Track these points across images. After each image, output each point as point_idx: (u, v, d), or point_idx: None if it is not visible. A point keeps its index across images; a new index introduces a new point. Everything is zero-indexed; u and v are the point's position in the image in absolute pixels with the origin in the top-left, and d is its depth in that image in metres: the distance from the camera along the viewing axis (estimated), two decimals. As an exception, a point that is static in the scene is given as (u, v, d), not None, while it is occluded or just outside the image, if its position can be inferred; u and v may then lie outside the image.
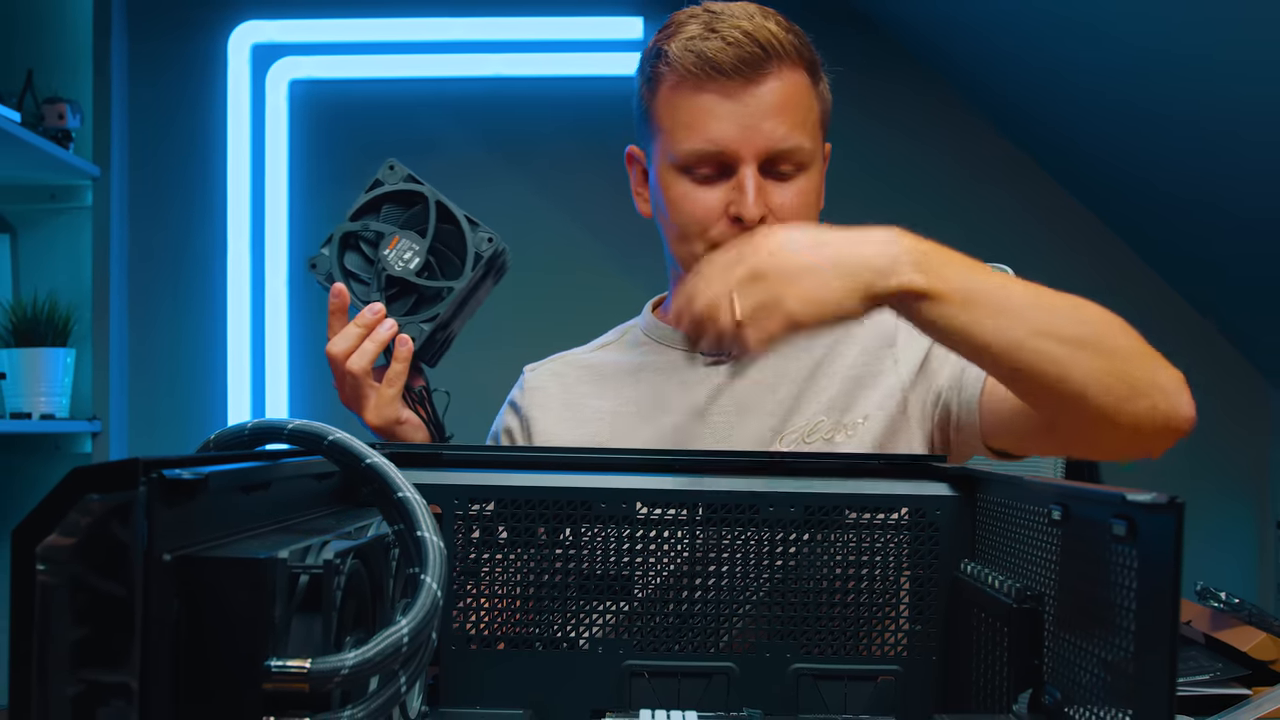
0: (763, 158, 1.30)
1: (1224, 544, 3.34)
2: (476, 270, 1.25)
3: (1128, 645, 0.65)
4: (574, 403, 1.44)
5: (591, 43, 3.31)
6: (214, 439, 0.74)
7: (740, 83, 1.28)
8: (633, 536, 1.00)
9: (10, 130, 2.44)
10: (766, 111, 1.29)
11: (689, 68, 1.29)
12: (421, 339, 1.25)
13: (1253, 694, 1.22)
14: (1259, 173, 2.57)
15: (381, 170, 1.28)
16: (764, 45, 1.28)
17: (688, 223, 1.34)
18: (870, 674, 0.98)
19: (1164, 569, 0.61)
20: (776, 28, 1.30)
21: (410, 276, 1.25)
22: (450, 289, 1.25)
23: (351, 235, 1.27)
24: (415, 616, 0.64)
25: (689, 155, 1.31)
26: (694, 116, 1.30)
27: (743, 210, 1.29)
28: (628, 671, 0.98)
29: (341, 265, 1.27)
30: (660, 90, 1.34)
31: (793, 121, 1.30)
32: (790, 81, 1.31)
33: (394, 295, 1.26)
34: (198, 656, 0.56)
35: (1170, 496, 0.61)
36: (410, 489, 0.72)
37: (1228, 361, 3.38)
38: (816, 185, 1.36)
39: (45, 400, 2.75)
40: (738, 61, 1.28)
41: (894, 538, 0.99)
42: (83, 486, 0.53)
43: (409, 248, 1.25)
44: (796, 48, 1.31)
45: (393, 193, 1.28)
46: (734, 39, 1.28)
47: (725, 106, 1.29)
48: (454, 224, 1.26)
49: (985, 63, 3.25)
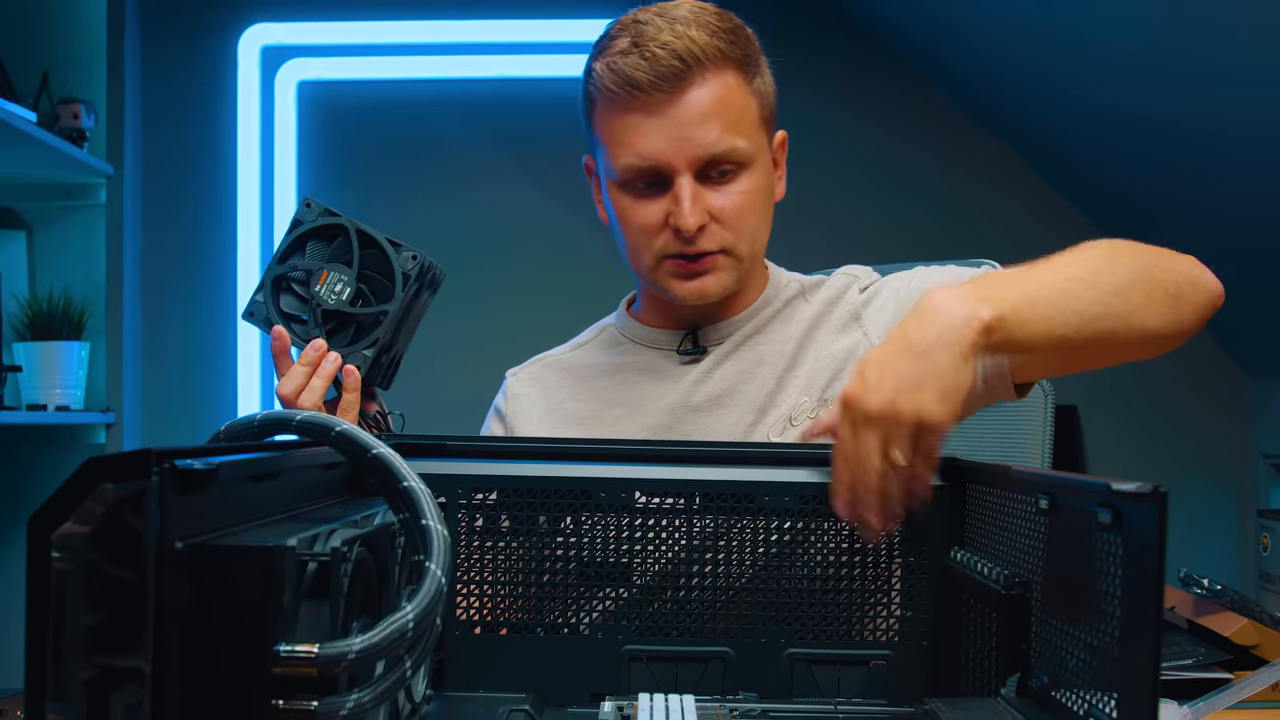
0: (697, 166, 1.28)
1: (1206, 532, 3.35)
2: (407, 289, 1.25)
3: (1113, 630, 0.65)
4: (554, 407, 1.43)
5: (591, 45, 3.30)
6: (224, 430, 0.74)
7: (662, 98, 1.26)
8: (631, 525, 1.00)
9: (26, 130, 2.44)
10: (694, 121, 1.26)
11: (611, 87, 1.27)
12: (366, 365, 1.25)
13: (1234, 678, 1.22)
14: (1239, 173, 2.57)
15: (299, 210, 1.27)
16: (683, 56, 1.25)
17: (634, 236, 1.33)
18: (863, 658, 0.98)
19: (1148, 556, 0.61)
20: (699, 33, 1.26)
21: (345, 307, 1.25)
22: (385, 312, 1.25)
23: (282, 278, 1.27)
24: (420, 602, 0.64)
25: (625, 171, 1.30)
26: (624, 135, 1.29)
27: (680, 221, 1.27)
28: (627, 656, 0.98)
29: (279, 309, 1.27)
30: (596, 109, 1.33)
31: (724, 124, 1.27)
32: (717, 85, 1.27)
33: (334, 328, 1.26)
34: (209, 641, 0.56)
35: (1154, 486, 0.61)
36: (415, 479, 0.72)
37: (1208, 355, 3.38)
38: (762, 181, 1.33)
39: (60, 392, 2.75)
40: (655, 78, 1.25)
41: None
42: (97, 476, 0.53)
43: (339, 279, 1.25)
44: (722, 50, 1.28)
45: (313, 229, 1.27)
46: (651, 54, 1.25)
47: (651, 123, 1.27)
48: (377, 248, 1.26)
49: (973, 65, 3.25)
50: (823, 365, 1.33)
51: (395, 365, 1.32)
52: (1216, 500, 3.38)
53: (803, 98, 3.35)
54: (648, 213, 1.30)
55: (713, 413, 1.35)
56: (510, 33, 3.40)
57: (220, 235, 3.41)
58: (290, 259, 1.27)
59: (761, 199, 1.33)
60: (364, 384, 1.26)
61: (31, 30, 2.90)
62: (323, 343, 1.24)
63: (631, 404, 1.38)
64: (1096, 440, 3.37)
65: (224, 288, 3.39)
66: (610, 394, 1.41)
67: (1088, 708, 0.69)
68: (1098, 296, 1.04)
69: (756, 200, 1.32)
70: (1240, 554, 3.36)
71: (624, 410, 1.38)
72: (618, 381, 1.41)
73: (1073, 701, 0.72)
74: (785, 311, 1.40)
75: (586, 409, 1.41)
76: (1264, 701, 1.22)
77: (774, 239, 1.38)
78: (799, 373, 1.33)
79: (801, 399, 1.31)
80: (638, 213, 1.31)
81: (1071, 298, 1.03)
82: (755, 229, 1.33)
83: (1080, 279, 1.05)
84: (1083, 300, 1.03)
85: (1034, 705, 0.79)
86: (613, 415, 1.39)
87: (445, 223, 3.40)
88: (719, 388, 1.36)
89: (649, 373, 1.40)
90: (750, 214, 1.32)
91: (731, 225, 1.30)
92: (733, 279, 1.33)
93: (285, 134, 3.42)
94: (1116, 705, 0.64)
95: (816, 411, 1.29)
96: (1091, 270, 1.06)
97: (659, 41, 1.26)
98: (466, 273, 3.37)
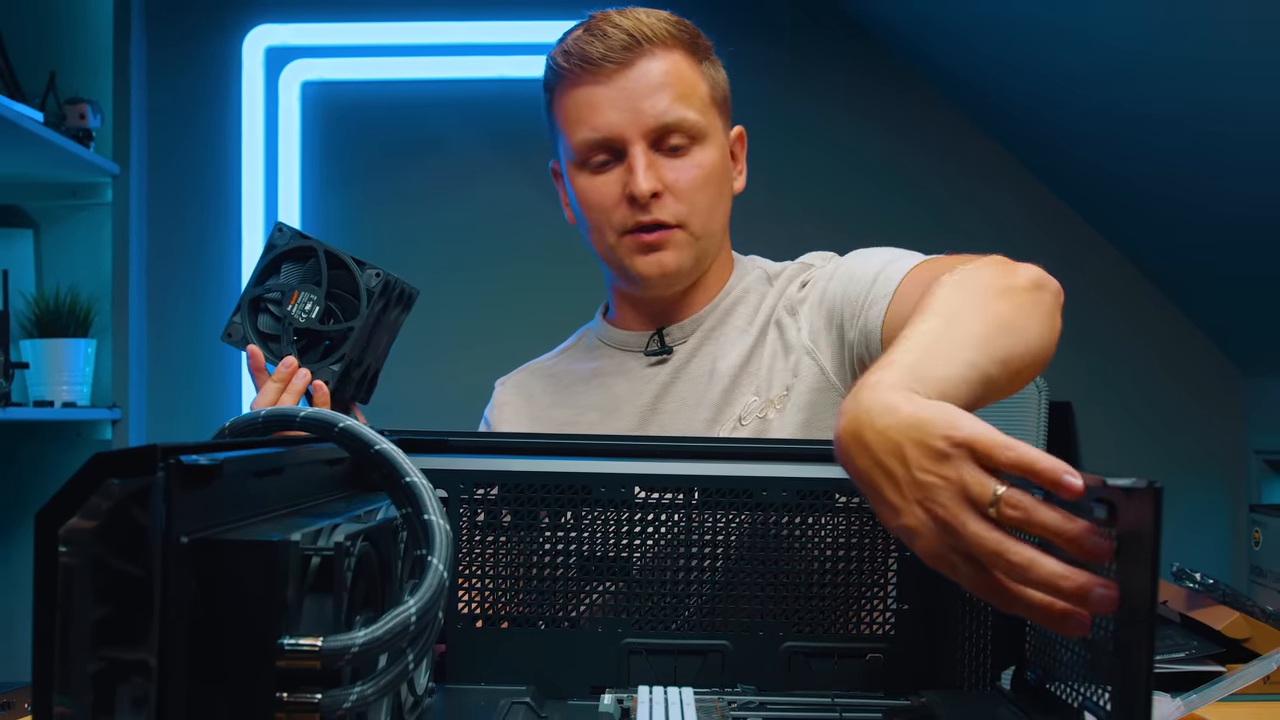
0: (650, 135, 1.31)
1: (1200, 527, 3.35)
2: (372, 305, 1.27)
3: (1107, 624, 0.65)
4: (538, 414, 1.45)
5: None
6: (229, 426, 0.74)
7: (613, 69, 1.30)
8: (631, 520, 1.00)
9: (33, 129, 2.44)
10: (644, 91, 1.31)
11: (567, 66, 1.32)
12: (334, 380, 1.27)
13: (1226, 671, 1.22)
14: (1237, 171, 2.57)
15: (272, 234, 1.31)
16: (632, 33, 1.30)
17: (594, 213, 1.35)
18: (859, 651, 0.98)
19: (1143, 551, 0.61)
20: (649, 18, 1.33)
21: (315, 325, 1.28)
22: (351, 329, 1.27)
23: (258, 299, 1.30)
24: (422, 596, 0.64)
25: (581, 146, 1.33)
26: (579, 110, 1.33)
27: (633, 187, 1.30)
28: (626, 649, 0.98)
29: (255, 328, 1.30)
30: (554, 96, 1.37)
31: (674, 95, 1.31)
32: (666, 60, 1.32)
33: (305, 346, 1.29)
34: (214, 635, 0.56)
35: (1149, 481, 0.61)
36: (417, 474, 0.72)
37: (1202, 352, 3.38)
38: (715, 160, 1.35)
39: (67, 389, 2.75)
40: (606, 50, 1.30)
41: (882, 521, 0.99)
42: (103, 472, 0.53)
43: (309, 299, 1.28)
44: (671, 33, 1.33)
45: (286, 252, 1.30)
46: (603, 31, 1.31)
47: (602, 93, 1.31)
48: (345, 268, 1.28)
49: (969, 65, 3.25)
50: (770, 363, 1.33)
51: (371, 380, 1.35)
52: (1209, 496, 3.38)
53: (802, 98, 3.37)
54: (604, 186, 1.33)
55: (677, 413, 1.36)
56: (508, 34, 3.41)
57: (225, 233, 3.41)
58: (266, 281, 1.30)
59: (716, 178, 1.35)
60: (336, 398, 1.28)
61: (39, 32, 2.90)
62: (293, 360, 1.27)
63: (605, 408, 1.40)
64: (1091, 436, 3.37)
65: (228, 285, 3.39)
66: (587, 399, 1.43)
67: (1082, 700, 0.69)
68: (995, 334, 0.91)
69: (710, 177, 1.34)
70: (1233, 549, 3.36)
71: (598, 415, 1.40)
72: (594, 386, 1.43)
73: (1067, 694, 0.72)
74: (748, 299, 1.40)
75: (566, 414, 1.43)
76: (1256, 694, 1.22)
77: (774, 237, 1.38)
78: (751, 369, 1.34)
79: (751, 399, 1.32)
80: (595, 189, 1.34)
81: (976, 372, 0.87)
82: (710, 206, 1.35)
83: (976, 318, 0.92)
84: (979, 366, 0.88)
85: (1029, 698, 0.79)
86: (587, 420, 1.41)
87: (444, 221, 3.41)
88: (683, 389, 1.37)
89: (619, 376, 1.42)
90: (703, 188, 1.34)
91: (685, 198, 1.32)
92: (690, 257, 1.35)
93: (289, 134, 3.42)
94: (1111, 698, 0.64)
95: (765, 411, 1.30)
96: (985, 301, 0.94)
97: (611, 22, 1.32)
98: (464, 271, 3.38)
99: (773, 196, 2.98)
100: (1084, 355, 3.28)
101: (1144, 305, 3.36)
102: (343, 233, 3.37)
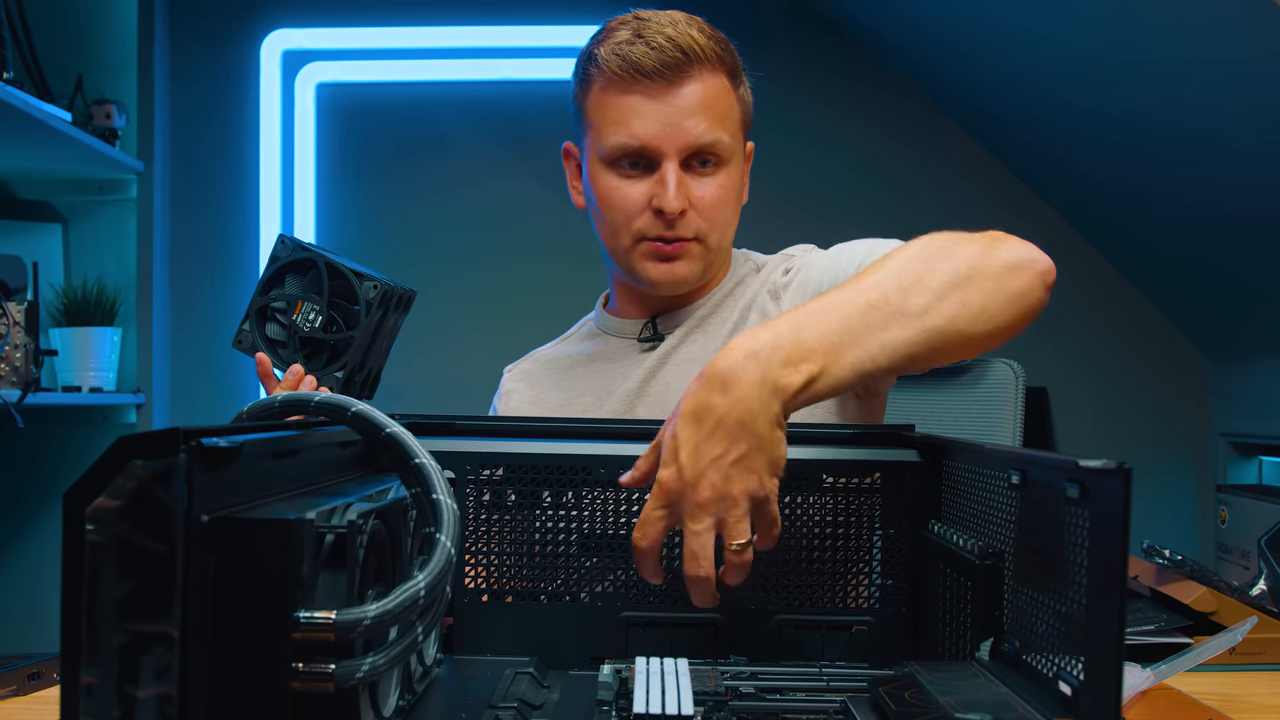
0: (684, 153, 1.30)
1: (1168, 506, 3.35)
2: (371, 315, 1.28)
3: (1080, 598, 0.65)
4: (538, 398, 1.46)
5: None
6: (247, 410, 0.74)
7: (663, 84, 1.28)
8: (629, 499, 1.00)
9: (62, 129, 2.44)
10: (688, 110, 1.29)
11: (616, 70, 1.29)
12: (338, 386, 1.28)
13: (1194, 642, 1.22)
14: (1195, 167, 2.56)
15: (276, 246, 1.31)
16: (686, 50, 1.28)
17: (615, 214, 1.34)
18: (846, 624, 0.98)
19: (1113, 529, 0.61)
20: (699, 34, 1.30)
21: (318, 333, 1.28)
22: (353, 338, 1.28)
23: (265, 308, 1.30)
24: (431, 572, 0.64)
25: (615, 149, 1.31)
26: (620, 115, 1.30)
27: (664, 202, 1.29)
28: (625, 622, 0.98)
29: (264, 336, 1.30)
30: (591, 91, 1.34)
31: (712, 119, 1.30)
32: (711, 83, 1.30)
33: (310, 353, 1.29)
34: (233, 608, 0.56)
35: (1119, 463, 0.61)
36: (426, 455, 0.72)
37: (1171, 340, 3.38)
38: (737, 180, 1.36)
39: (94, 375, 2.76)
40: (660, 65, 1.27)
41: (867, 500, 0.99)
42: (128, 453, 0.53)
43: (312, 309, 1.28)
44: (718, 54, 1.31)
45: (289, 264, 1.30)
46: (658, 44, 1.28)
47: (649, 106, 1.29)
48: (344, 279, 1.28)
49: (949, 67, 3.24)
50: None
51: (373, 380, 1.36)
52: (1178, 476, 3.38)
53: (797, 100, 3.36)
54: (631, 193, 1.32)
55: (664, 397, 1.36)
56: (515, 38, 3.40)
57: (244, 227, 3.41)
58: (272, 290, 1.30)
59: (734, 196, 1.36)
60: None
61: (66, 36, 2.89)
62: (299, 367, 1.28)
63: (598, 391, 1.40)
64: (1066, 420, 3.38)
65: (247, 277, 3.39)
66: (582, 383, 1.43)
67: (1056, 670, 0.69)
68: (909, 320, 0.91)
69: (731, 195, 1.34)
70: (1200, 526, 3.36)
71: (591, 398, 1.41)
72: (590, 370, 1.43)
73: (1042, 664, 0.72)
74: (737, 290, 1.41)
75: (563, 397, 1.43)
76: (1222, 665, 1.22)
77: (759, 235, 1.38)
78: None
79: None
80: (621, 192, 1.32)
81: (881, 329, 0.90)
82: (726, 222, 1.35)
83: (889, 302, 0.91)
84: (893, 327, 0.90)
85: (1006, 668, 0.79)
86: (581, 403, 1.41)
87: (452, 215, 3.40)
88: (671, 374, 1.37)
89: (613, 360, 1.42)
90: (724, 207, 1.33)
91: (708, 215, 1.32)
92: (701, 268, 1.35)
93: (304, 133, 3.41)
94: (1083, 668, 0.64)
95: None
96: (902, 289, 0.93)
97: (665, 35, 1.29)
98: (470, 263, 3.37)
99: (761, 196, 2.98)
100: (1060, 343, 3.29)
101: (1116, 296, 3.36)
102: (355, 226, 3.37)
